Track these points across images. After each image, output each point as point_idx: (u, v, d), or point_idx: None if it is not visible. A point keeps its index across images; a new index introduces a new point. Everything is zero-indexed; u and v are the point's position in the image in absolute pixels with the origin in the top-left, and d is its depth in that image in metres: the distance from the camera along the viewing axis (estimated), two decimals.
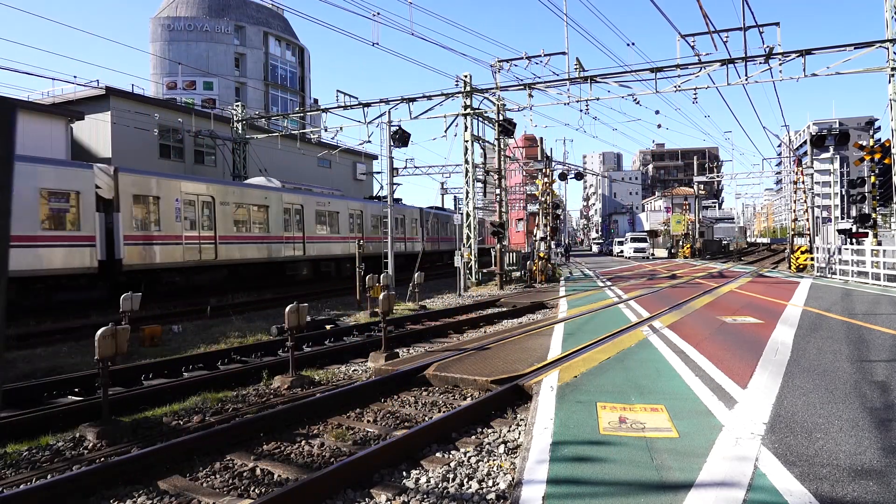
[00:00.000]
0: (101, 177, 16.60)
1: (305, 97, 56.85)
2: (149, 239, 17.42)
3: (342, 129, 26.56)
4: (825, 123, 77.64)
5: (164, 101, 33.53)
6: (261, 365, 8.77)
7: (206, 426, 6.06)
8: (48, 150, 22.51)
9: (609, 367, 7.36)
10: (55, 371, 9.02)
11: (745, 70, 19.02)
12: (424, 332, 12.08)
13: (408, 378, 7.60)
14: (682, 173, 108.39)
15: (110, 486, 4.50)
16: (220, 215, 19.99)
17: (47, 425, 6.19)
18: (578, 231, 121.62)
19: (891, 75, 18.42)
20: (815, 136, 28.49)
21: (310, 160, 33.98)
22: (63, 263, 15.35)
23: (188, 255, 18.77)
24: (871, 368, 7.06)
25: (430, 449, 5.16)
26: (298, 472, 4.76)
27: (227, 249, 20.22)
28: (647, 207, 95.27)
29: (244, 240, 21.01)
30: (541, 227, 28.30)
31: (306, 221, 24.17)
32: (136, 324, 12.12)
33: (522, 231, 50.83)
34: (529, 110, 21.87)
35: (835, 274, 22.57)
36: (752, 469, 4.04)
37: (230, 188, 21.04)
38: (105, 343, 5.66)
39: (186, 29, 49.72)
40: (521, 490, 3.84)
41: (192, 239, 18.95)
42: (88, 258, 15.88)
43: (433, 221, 37.05)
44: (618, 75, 20.25)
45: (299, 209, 23.86)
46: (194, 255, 19.02)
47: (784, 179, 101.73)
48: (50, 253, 15.05)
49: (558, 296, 17.66)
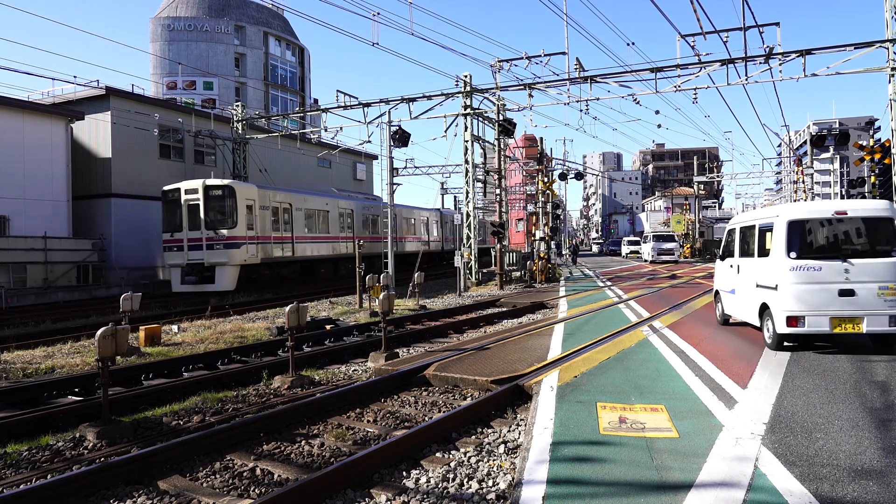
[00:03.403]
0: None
1: (305, 97, 56.86)
2: (252, 240, 20.65)
3: (342, 129, 26.62)
4: (825, 123, 77.60)
5: (164, 101, 33.53)
6: (261, 365, 8.78)
7: (206, 426, 6.06)
8: (48, 150, 22.53)
9: (609, 367, 7.36)
10: (55, 371, 9.02)
11: (745, 70, 19.01)
12: (424, 332, 12.08)
13: (408, 378, 7.60)
14: (682, 173, 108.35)
15: (110, 486, 4.50)
16: (297, 219, 23.21)
17: (47, 425, 6.19)
18: (578, 231, 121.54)
19: (891, 75, 18.41)
20: (815, 136, 28.49)
21: (310, 160, 33.98)
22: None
23: (275, 252, 21.87)
24: (871, 368, 7.07)
25: (430, 449, 5.16)
26: (298, 472, 4.75)
27: (301, 247, 23.40)
28: (647, 207, 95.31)
29: (313, 239, 24.27)
30: (540, 227, 28.31)
31: (355, 224, 27.62)
32: (136, 324, 12.14)
33: (522, 231, 50.81)
34: (529, 110, 21.85)
35: None
36: (752, 469, 4.04)
37: (303, 196, 24.23)
38: (105, 343, 5.65)
39: (186, 29, 49.72)
40: (521, 490, 3.84)
41: (277, 239, 22.07)
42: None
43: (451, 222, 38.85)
44: (618, 75, 20.24)
45: (350, 213, 27.00)
46: (278, 253, 22.10)
47: (784, 179, 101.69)
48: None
49: (558, 296, 17.66)
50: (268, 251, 21.37)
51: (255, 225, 20.68)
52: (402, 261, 27.42)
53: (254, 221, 20.65)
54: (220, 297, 19.80)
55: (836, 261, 7.81)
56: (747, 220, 9.84)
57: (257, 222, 20.78)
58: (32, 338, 12.68)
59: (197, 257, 19.87)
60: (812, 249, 8.08)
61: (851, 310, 7.66)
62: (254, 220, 20.67)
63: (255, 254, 20.55)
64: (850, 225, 8.13)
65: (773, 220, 8.46)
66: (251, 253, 20.38)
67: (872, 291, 7.66)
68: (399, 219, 31.17)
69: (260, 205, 21.02)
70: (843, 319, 7.68)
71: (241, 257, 19.97)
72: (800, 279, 7.87)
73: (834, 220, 8.16)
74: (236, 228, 19.92)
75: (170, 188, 20.81)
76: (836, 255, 7.91)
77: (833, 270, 7.79)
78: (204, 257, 19.77)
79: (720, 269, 11.15)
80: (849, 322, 7.67)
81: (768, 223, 8.68)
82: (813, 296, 7.79)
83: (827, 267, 7.82)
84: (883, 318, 7.60)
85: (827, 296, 7.75)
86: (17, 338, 12.82)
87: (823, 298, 7.75)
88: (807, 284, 7.84)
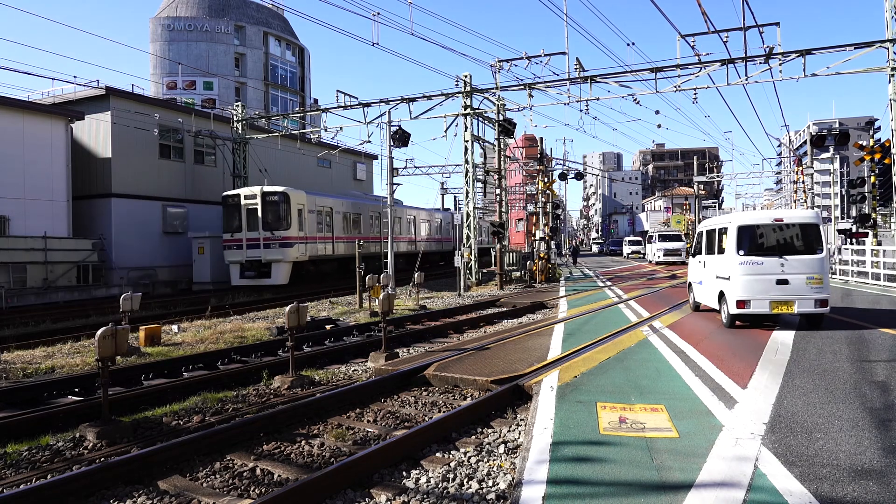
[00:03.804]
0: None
1: (305, 97, 56.84)
2: (302, 239, 23.10)
3: (342, 129, 26.69)
4: (825, 123, 77.54)
5: (164, 101, 33.50)
6: (261, 365, 8.78)
7: (206, 426, 6.06)
8: (48, 150, 22.53)
9: (609, 367, 7.36)
10: (55, 371, 9.02)
11: (745, 70, 19.01)
12: (424, 332, 12.08)
13: (408, 378, 7.60)
14: (682, 173, 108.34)
15: (110, 486, 4.50)
16: (336, 221, 25.78)
17: (47, 425, 6.19)
18: (579, 231, 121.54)
19: (891, 75, 18.42)
20: (815, 136, 28.49)
21: (310, 160, 33.98)
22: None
23: (319, 250, 24.34)
24: (871, 368, 7.07)
25: (430, 449, 5.16)
26: (298, 472, 4.75)
27: (339, 246, 25.72)
28: (647, 207, 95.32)
29: (348, 239, 26.34)
30: (540, 227, 28.31)
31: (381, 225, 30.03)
32: (136, 324, 12.14)
33: (522, 231, 50.77)
34: (529, 110, 21.85)
35: (835, 274, 22.57)
36: (752, 469, 4.04)
37: (340, 200, 26.84)
38: (105, 343, 5.65)
39: (186, 29, 49.70)
40: (521, 490, 3.84)
41: (321, 238, 24.51)
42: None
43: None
44: (618, 75, 20.24)
45: (377, 216, 29.20)
46: (322, 251, 24.60)
47: (784, 179, 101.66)
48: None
49: (558, 296, 17.66)
50: (314, 249, 24.02)
51: (304, 226, 23.20)
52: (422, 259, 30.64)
53: (303, 223, 23.17)
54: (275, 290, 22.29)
55: (775, 257, 9.87)
56: (711, 225, 11.82)
57: (306, 224, 23.34)
58: (32, 338, 12.67)
59: (255, 255, 22.42)
60: (756, 248, 10.09)
61: (786, 295, 9.75)
62: (303, 222, 23.18)
63: (304, 252, 23.15)
64: (786, 229, 10.24)
65: (728, 225, 10.52)
66: (301, 251, 22.96)
67: (802, 281, 9.72)
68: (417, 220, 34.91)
69: (308, 209, 23.56)
70: (780, 302, 9.77)
71: (294, 255, 22.54)
72: (746, 271, 9.90)
73: (773, 226, 10.30)
74: (290, 230, 22.50)
75: (230, 194, 23.40)
76: (774, 252, 9.97)
77: (772, 264, 9.84)
78: (261, 255, 22.30)
79: (692, 265, 13.16)
80: (784, 304, 9.78)
81: (724, 227, 10.76)
82: (756, 284, 9.84)
83: (767, 262, 9.87)
84: (809, 301, 9.69)
85: (767, 284, 9.79)
86: (17, 338, 12.81)
87: (764, 286, 9.80)
88: (752, 276, 9.87)
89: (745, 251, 9.97)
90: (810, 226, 10.11)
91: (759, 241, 10.19)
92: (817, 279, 9.70)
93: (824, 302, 9.72)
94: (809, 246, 9.96)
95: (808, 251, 9.91)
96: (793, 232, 10.20)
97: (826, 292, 9.73)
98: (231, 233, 22.92)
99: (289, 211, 22.55)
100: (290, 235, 22.45)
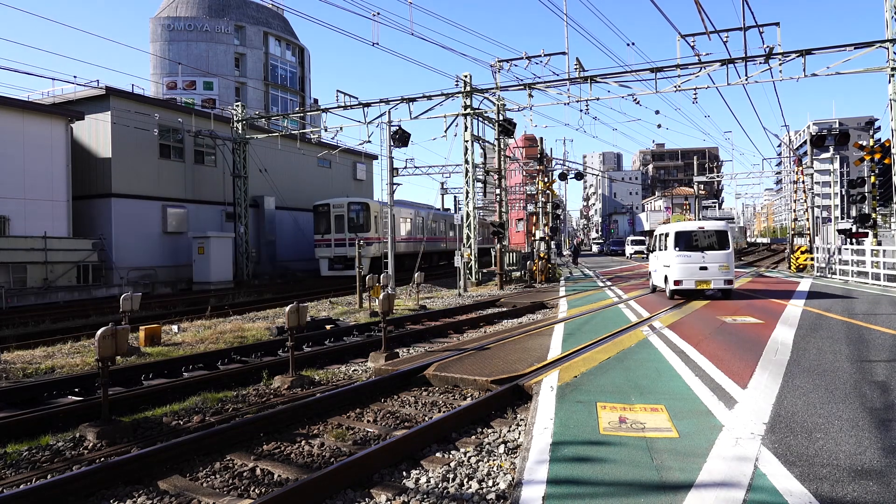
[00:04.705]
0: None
1: (305, 97, 56.83)
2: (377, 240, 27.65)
3: (342, 129, 26.73)
4: (825, 123, 77.53)
5: (164, 101, 33.49)
6: (261, 365, 8.78)
7: (206, 426, 6.06)
8: (48, 150, 22.53)
9: (609, 367, 7.36)
10: (55, 371, 9.02)
11: (745, 70, 19.01)
12: (424, 332, 12.08)
13: (408, 378, 7.60)
14: (682, 173, 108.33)
15: (110, 486, 4.50)
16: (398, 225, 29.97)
17: (47, 425, 6.19)
18: (579, 231, 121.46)
19: (891, 75, 18.42)
20: (815, 136, 28.47)
21: (310, 160, 34.01)
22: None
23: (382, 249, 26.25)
24: (871, 368, 7.06)
25: (430, 449, 5.16)
26: (298, 472, 4.75)
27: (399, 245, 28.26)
28: (647, 207, 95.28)
29: (406, 240, 31.28)
30: (540, 227, 28.30)
31: (424, 228, 35.02)
32: (136, 324, 12.14)
33: (522, 231, 50.75)
34: (529, 110, 21.85)
35: (835, 274, 22.57)
36: (752, 469, 4.04)
37: (399, 208, 30.38)
38: (105, 343, 5.65)
39: (186, 29, 49.69)
40: (521, 490, 3.84)
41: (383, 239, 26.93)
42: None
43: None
44: (618, 75, 20.24)
45: (422, 220, 34.40)
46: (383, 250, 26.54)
47: (784, 179, 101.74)
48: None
49: (558, 296, 17.66)
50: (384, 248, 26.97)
51: (378, 229, 28.10)
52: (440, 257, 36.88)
53: (378, 227, 28.10)
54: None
55: (698, 252, 14.67)
56: (662, 230, 16.45)
57: (379, 228, 28.12)
58: (32, 338, 12.67)
59: (341, 252, 27.62)
60: (687, 246, 14.83)
61: (705, 277, 14.61)
62: (378, 226, 28.10)
63: (379, 249, 27.00)
64: (706, 233, 14.98)
65: (669, 230, 15.39)
66: (377, 249, 27.17)
67: (716, 267, 14.57)
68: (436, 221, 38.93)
69: (381, 215, 27.89)
70: (702, 281, 14.62)
71: (373, 252, 27.01)
72: (680, 262, 14.75)
73: (698, 232, 15.04)
74: (370, 232, 27.56)
75: (321, 203, 28.76)
76: (698, 249, 14.72)
77: (697, 257, 14.66)
78: (347, 252, 27.05)
79: (651, 259, 18.02)
80: (704, 283, 14.62)
81: (667, 232, 15.51)
82: (686, 270, 14.67)
83: (694, 255, 14.68)
84: (720, 280, 14.59)
85: (693, 270, 14.63)
86: (17, 338, 12.82)
87: (692, 271, 14.64)
88: (684, 265, 14.71)
89: (680, 248, 14.77)
90: (721, 231, 14.93)
91: (689, 242, 14.86)
92: (725, 266, 14.55)
93: (730, 281, 14.67)
94: (721, 245, 14.69)
95: (720, 248, 14.64)
96: (710, 235, 14.82)
97: (731, 275, 14.68)
98: (321, 234, 28.15)
99: (369, 217, 27.82)
100: (370, 236, 27.34)
